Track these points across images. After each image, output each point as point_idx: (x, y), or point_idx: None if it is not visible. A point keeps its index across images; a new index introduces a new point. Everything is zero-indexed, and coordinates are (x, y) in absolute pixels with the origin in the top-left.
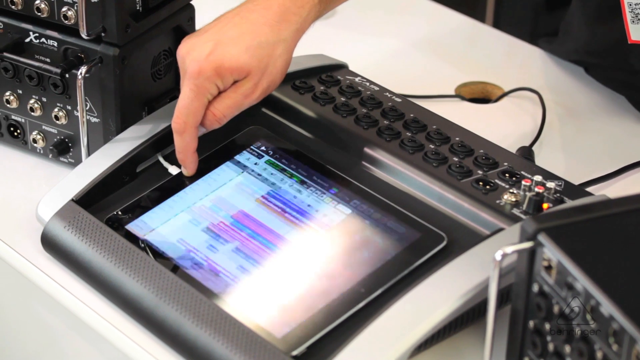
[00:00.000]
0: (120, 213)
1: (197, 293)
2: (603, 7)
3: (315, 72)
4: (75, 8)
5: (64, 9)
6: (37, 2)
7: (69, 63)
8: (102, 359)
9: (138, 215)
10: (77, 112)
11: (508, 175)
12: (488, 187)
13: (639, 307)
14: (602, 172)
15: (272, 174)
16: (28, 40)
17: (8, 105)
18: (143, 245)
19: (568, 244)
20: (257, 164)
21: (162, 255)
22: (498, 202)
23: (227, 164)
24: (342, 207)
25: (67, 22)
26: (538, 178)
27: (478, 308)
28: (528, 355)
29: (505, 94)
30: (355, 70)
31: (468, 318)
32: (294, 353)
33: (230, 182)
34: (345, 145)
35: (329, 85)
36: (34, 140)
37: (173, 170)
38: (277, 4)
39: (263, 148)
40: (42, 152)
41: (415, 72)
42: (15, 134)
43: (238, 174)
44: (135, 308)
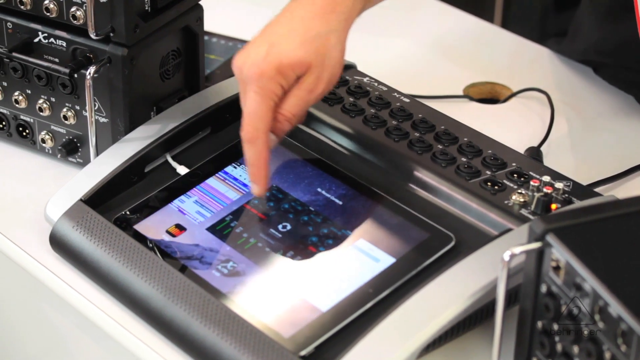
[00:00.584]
0: (129, 213)
1: (205, 293)
2: (613, 7)
3: None
4: (84, 8)
5: (73, 9)
6: (46, 2)
7: (78, 63)
8: (109, 359)
9: (146, 216)
10: (85, 112)
11: (516, 176)
12: (496, 187)
13: None
14: (610, 172)
15: (279, 174)
16: (37, 40)
17: (17, 105)
18: (151, 245)
19: (576, 245)
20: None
21: (170, 255)
22: (506, 202)
23: (235, 164)
24: (350, 207)
25: (75, 22)
26: (546, 178)
27: (486, 308)
28: (536, 356)
29: (514, 95)
30: (364, 71)
31: (476, 318)
32: (302, 353)
33: (237, 182)
34: (353, 145)
35: (337, 86)
36: (43, 140)
37: (181, 170)
38: None
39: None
40: (50, 152)
41: (424, 72)
42: (24, 134)
43: (245, 175)
44: (144, 308)
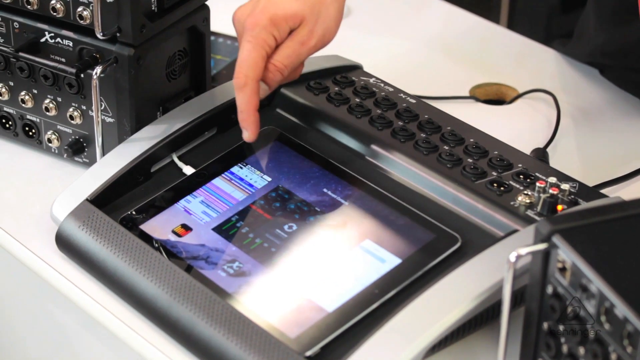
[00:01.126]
0: (135, 213)
1: (210, 293)
2: (618, 8)
3: (330, 72)
4: (91, 8)
5: (80, 9)
6: (52, 2)
7: (84, 63)
8: (115, 358)
9: (152, 215)
10: (92, 112)
11: (522, 177)
12: (502, 188)
13: None
14: (616, 174)
15: (285, 174)
16: (43, 40)
17: (23, 105)
18: (157, 245)
19: (582, 246)
20: (271, 164)
21: (176, 255)
22: (512, 203)
23: (241, 165)
24: (356, 207)
25: (82, 22)
26: (552, 180)
27: (492, 309)
28: (542, 357)
29: (520, 96)
30: (370, 71)
31: (482, 319)
32: (308, 353)
33: (243, 182)
34: (360, 146)
35: (344, 86)
36: (49, 140)
37: (187, 171)
38: None
39: (277, 148)
40: (56, 151)
41: (430, 73)
42: (31, 134)
43: (251, 175)
44: (149, 308)
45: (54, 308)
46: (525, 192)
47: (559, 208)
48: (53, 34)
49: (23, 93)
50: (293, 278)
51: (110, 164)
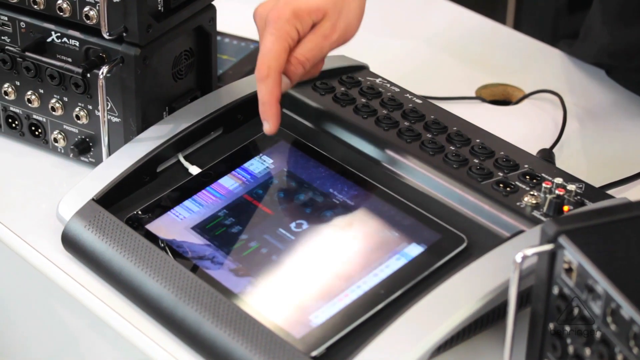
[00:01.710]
0: (141, 213)
1: (216, 293)
2: (625, 9)
3: (336, 73)
4: (97, 8)
5: (86, 9)
6: (59, 2)
7: (91, 63)
8: (121, 358)
9: (158, 215)
10: (98, 111)
11: (529, 178)
12: (508, 189)
13: None
14: (623, 174)
15: (291, 174)
16: (50, 40)
17: (29, 105)
18: (163, 245)
19: (589, 247)
20: (277, 164)
21: (181, 255)
22: (518, 204)
23: (246, 164)
24: (362, 208)
25: (88, 22)
26: (559, 180)
27: (498, 310)
28: (548, 358)
29: (526, 96)
30: (376, 72)
31: (488, 320)
32: (314, 354)
33: (249, 182)
34: (366, 147)
35: (350, 87)
36: (55, 140)
37: (193, 170)
38: None
39: (283, 148)
40: (62, 151)
41: (436, 73)
42: (37, 134)
43: (257, 175)
44: (155, 307)
45: (60, 307)
46: (532, 192)
47: (565, 209)
48: (59, 34)
49: (29, 93)
50: (299, 278)
51: (116, 164)
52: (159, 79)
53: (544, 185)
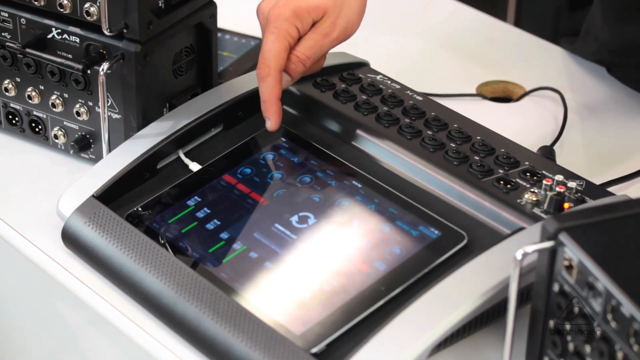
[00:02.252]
0: (141, 209)
1: (216, 289)
2: (625, 6)
3: (337, 69)
4: (98, 4)
5: (87, 5)
6: None
7: (91, 59)
8: (121, 355)
9: (158, 212)
10: (98, 108)
11: (529, 175)
12: (509, 186)
13: None
14: (623, 172)
15: (292, 171)
16: (50, 37)
17: (30, 101)
18: (163, 242)
19: (589, 244)
20: (278, 161)
21: (181, 252)
22: (519, 201)
23: (247, 161)
24: (363, 205)
25: (89, 18)
26: (559, 177)
27: (498, 307)
28: (548, 355)
29: (527, 93)
30: (377, 69)
31: (488, 317)
32: (313, 350)
33: (250, 179)
34: (366, 143)
35: (350, 83)
36: (55, 136)
37: (194, 167)
38: None
39: (284, 145)
40: (63, 148)
41: (437, 70)
42: (37, 130)
43: (258, 171)
44: (155, 304)
45: (60, 304)
46: (532, 189)
47: (566, 206)
48: (60, 30)
49: (30, 89)
50: (299, 275)
51: (117, 161)
52: (160, 76)
53: (545, 183)
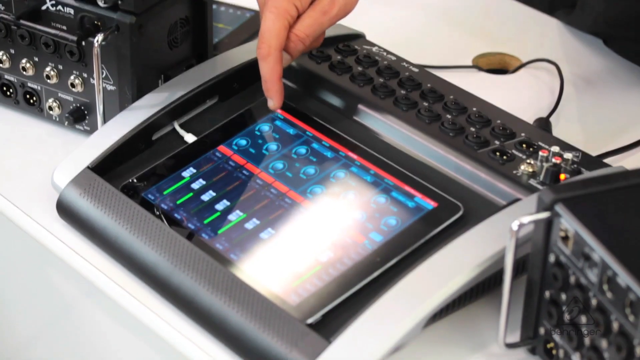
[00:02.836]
0: (136, 181)
1: (212, 260)
2: None
3: (333, 41)
4: None
5: None
6: None
7: (86, 31)
8: (116, 326)
9: (153, 183)
10: (93, 79)
11: (525, 146)
12: (505, 157)
13: None
14: (620, 143)
15: (287, 142)
16: (44, 8)
17: (24, 73)
18: (158, 213)
19: (585, 215)
20: (273, 132)
21: (177, 223)
22: (515, 172)
23: (242, 133)
24: (358, 176)
25: None
26: (555, 149)
27: (494, 278)
28: (544, 326)
29: (523, 65)
30: (373, 40)
31: (484, 288)
32: (309, 321)
33: (245, 150)
34: (362, 115)
35: (346, 55)
36: (50, 108)
37: (189, 138)
38: None
39: (280, 116)
40: (57, 119)
41: (433, 42)
42: (32, 102)
43: (253, 142)
44: (151, 275)
45: (55, 275)
46: (528, 161)
47: (562, 177)
48: (54, 2)
49: (24, 61)
50: (294, 246)
51: (112, 132)
52: (155, 47)
53: (541, 154)
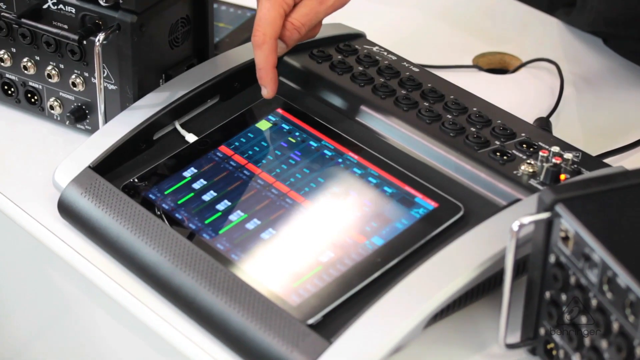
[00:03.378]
0: (137, 180)
1: (213, 260)
2: None
3: (333, 41)
4: None
5: None
6: None
7: (87, 30)
8: (117, 326)
9: (154, 183)
10: (94, 79)
11: (525, 146)
12: (505, 157)
13: None
14: (620, 143)
15: (288, 142)
16: (46, 7)
17: (25, 72)
18: (159, 213)
19: (585, 215)
20: (274, 132)
21: (178, 223)
22: (515, 172)
23: (243, 132)
24: (359, 176)
25: None
26: (555, 149)
27: (494, 278)
28: (544, 326)
29: (523, 65)
30: (373, 40)
31: (484, 288)
32: (310, 321)
33: (246, 150)
34: (363, 115)
35: (347, 55)
36: (51, 107)
37: (190, 138)
38: None
39: (281, 116)
40: (59, 118)
41: (433, 42)
42: (33, 101)
43: (255, 142)
44: (151, 275)
45: (56, 275)
46: (528, 161)
47: (562, 177)
48: (55, 1)
49: (25, 60)
50: (295, 246)
51: (113, 131)
52: (156, 47)
53: (541, 154)
